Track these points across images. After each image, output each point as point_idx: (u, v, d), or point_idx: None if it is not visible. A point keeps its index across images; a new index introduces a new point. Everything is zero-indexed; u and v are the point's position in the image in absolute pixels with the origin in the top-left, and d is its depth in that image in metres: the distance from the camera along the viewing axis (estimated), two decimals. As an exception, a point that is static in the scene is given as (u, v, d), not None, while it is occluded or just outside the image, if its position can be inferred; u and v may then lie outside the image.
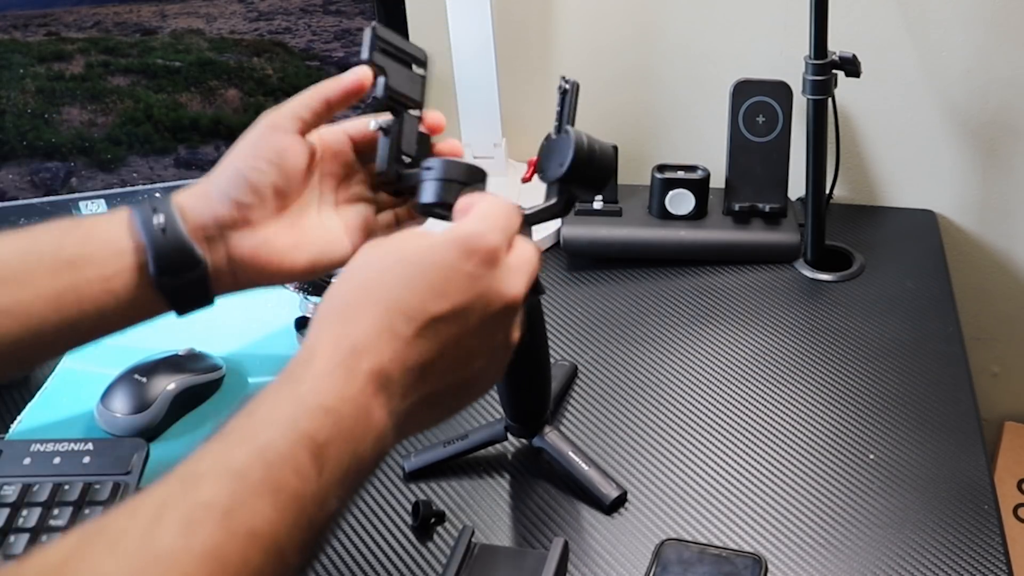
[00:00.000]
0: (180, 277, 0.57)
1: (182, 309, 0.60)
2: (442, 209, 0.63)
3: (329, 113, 0.64)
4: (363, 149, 0.67)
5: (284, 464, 0.40)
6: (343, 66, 1.06)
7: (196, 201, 0.59)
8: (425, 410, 0.49)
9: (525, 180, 0.74)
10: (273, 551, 0.39)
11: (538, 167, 0.72)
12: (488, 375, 0.54)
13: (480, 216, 0.53)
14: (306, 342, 0.47)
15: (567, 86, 0.73)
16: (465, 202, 0.56)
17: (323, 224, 0.63)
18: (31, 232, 0.58)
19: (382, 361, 0.45)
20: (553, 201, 0.70)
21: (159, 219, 0.57)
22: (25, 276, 0.56)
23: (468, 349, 0.50)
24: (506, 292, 0.51)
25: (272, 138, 0.61)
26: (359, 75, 0.63)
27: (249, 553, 0.38)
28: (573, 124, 0.72)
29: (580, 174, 0.70)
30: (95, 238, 0.57)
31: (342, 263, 0.62)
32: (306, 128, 0.63)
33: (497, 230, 0.52)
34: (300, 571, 0.42)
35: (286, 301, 1.04)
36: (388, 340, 0.46)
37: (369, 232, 0.65)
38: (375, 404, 0.45)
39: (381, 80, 0.65)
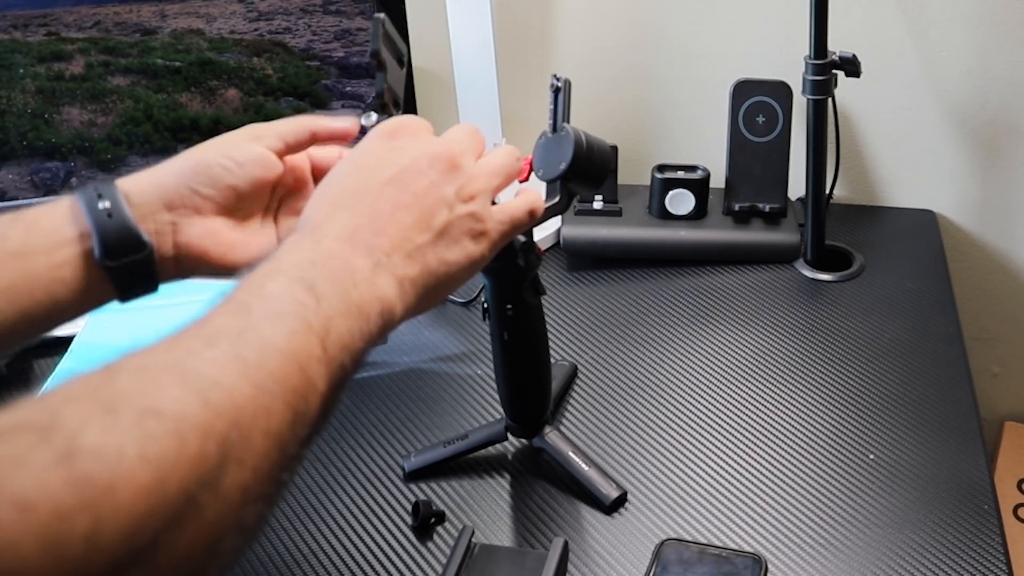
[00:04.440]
0: (125, 260, 0.59)
1: (126, 294, 0.61)
2: None
3: (310, 144, 0.68)
4: (322, 174, 0.69)
5: (281, 296, 0.46)
6: (343, 66, 1.06)
7: (145, 186, 0.61)
8: (419, 269, 0.54)
9: (522, 180, 0.74)
10: (290, 362, 0.43)
11: (534, 166, 0.72)
12: (466, 230, 0.57)
13: (431, 138, 0.60)
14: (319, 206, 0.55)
15: (559, 84, 0.74)
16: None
17: (264, 230, 0.67)
18: None
19: (346, 227, 0.52)
20: (556, 199, 0.70)
21: (104, 204, 0.59)
22: None
23: (427, 204, 0.56)
24: (434, 145, 0.58)
25: (250, 146, 0.64)
26: (351, 125, 0.67)
27: (266, 357, 0.42)
28: (568, 121, 0.72)
29: (581, 171, 0.70)
30: (39, 228, 0.59)
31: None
32: (285, 151, 0.66)
33: (412, 118, 0.61)
34: (328, 404, 0.46)
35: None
36: (344, 215, 0.53)
37: None
38: (352, 254, 0.51)
39: (380, 76, 0.65)
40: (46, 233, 0.58)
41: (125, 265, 0.59)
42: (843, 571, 0.75)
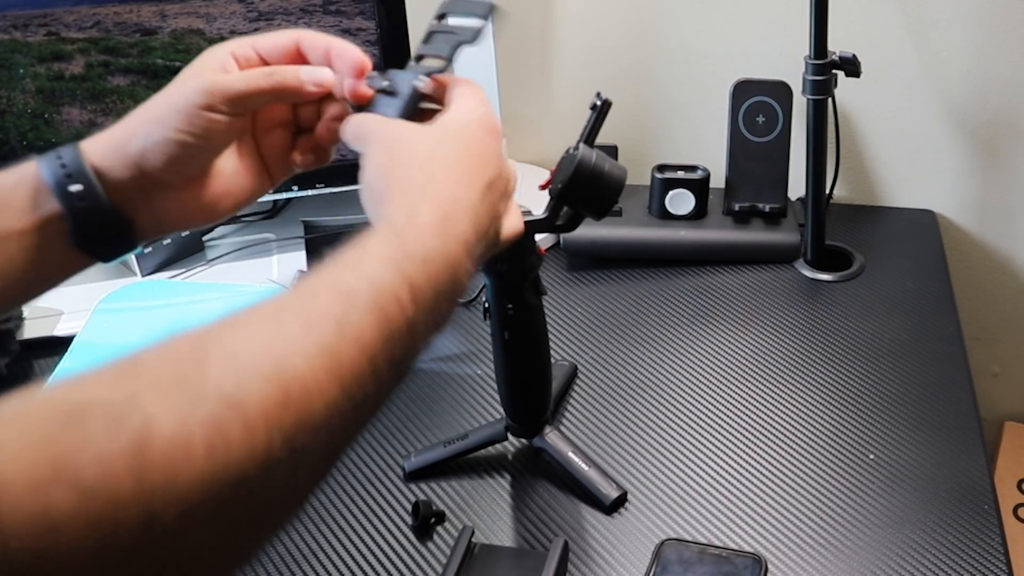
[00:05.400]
0: (105, 238, 0.57)
1: (106, 259, 0.59)
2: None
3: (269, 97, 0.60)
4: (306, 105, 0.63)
5: (387, 293, 0.46)
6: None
7: (113, 159, 0.56)
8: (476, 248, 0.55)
9: (542, 187, 0.74)
10: (372, 362, 0.44)
11: (553, 178, 0.72)
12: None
13: (481, 100, 0.59)
14: (403, 200, 0.52)
15: (598, 103, 0.73)
16: (446, 80, 0.61)
17: (245, 165, 0.61)
18: None
19: (466, 228, 0.52)
20: (546, 215, 0.70)
21: (76, 187, 0.55)
22: None
23: (498, 205, 0.57)
24: (506, 163, 0.59)
25: (205, 116, 0.56)
26: (321, 80, 0.59)
27: (356, 357, 0.43)
28: (593, 141, 0.72)
29: (577, 194, 0.69)
30: (8, 207, 0.55)
31: (262, 195, 0.63)
32: (241, 109, 0.59)
33: (492, 113, 0.59)
34: (388, 388, 0.47)
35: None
36: (467, 209, 0.53)
37: (288, 159, 0.63)
38: (462, 260, 0.52)
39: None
40: (17, 214, 0.55)
41: (103, 241, 0.57)
42: (843, 571, 0.75)
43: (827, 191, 1.14)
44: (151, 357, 0.39)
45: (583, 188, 0.69)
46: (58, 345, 1.00)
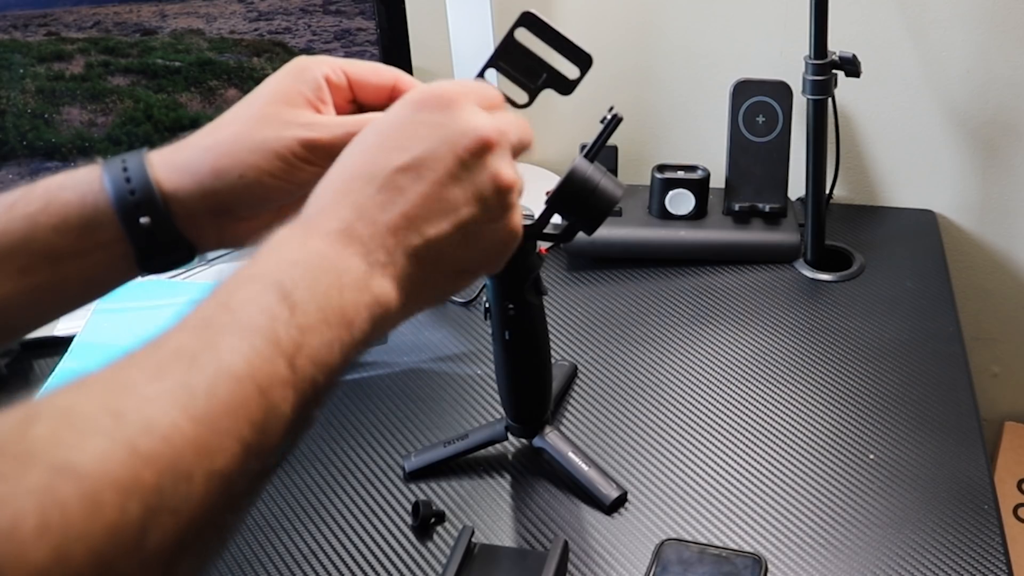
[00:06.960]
0: (166, 260, 0.56)
1: (160, 272, 0.57)
2: None
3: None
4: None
5: (249, 306, 0.40)
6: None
7: (190, 188, 0.54)
8: (427, 268, 0.48)
9: (547, 194, 0.73)
10: (248, 387, 0.38)
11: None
12: (491, 227, 0.52)
13: (425, 88, 0.53)
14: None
15: (608, 116, 0.73)
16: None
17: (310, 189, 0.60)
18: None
19: (344, 220, 0.46)
20: (535, 220, 0.70)
21: (146, 219, 0.52)
22: None
23: (450, 196, 0.49)
24: (472, 125, 0.50)
25: (304, 168, 0.54)
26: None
27: (218, 384, 0.38)
28: (595, 155, 0.71)
29: (565, 204, 0.69)
30: (69, 228, 0.52)
31: None
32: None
33: (451, 84, 0.52)
34: (296, 426, 0.41)
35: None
36: (346, 203, 0.46)
37: None
38: (344, 253, 0.45)
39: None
40: (78, 235, 0.52)
41: (163, 263, 0.56)
42: (843, 571, 0.75)
43: (827, 191, 1.14)
44: None
45: (572, 199, 0.68)
46: (58, 345, 1.00)
